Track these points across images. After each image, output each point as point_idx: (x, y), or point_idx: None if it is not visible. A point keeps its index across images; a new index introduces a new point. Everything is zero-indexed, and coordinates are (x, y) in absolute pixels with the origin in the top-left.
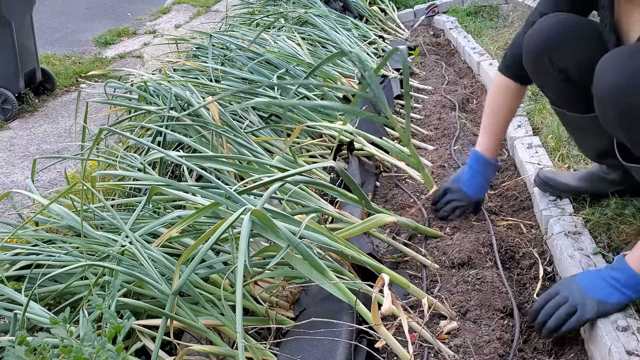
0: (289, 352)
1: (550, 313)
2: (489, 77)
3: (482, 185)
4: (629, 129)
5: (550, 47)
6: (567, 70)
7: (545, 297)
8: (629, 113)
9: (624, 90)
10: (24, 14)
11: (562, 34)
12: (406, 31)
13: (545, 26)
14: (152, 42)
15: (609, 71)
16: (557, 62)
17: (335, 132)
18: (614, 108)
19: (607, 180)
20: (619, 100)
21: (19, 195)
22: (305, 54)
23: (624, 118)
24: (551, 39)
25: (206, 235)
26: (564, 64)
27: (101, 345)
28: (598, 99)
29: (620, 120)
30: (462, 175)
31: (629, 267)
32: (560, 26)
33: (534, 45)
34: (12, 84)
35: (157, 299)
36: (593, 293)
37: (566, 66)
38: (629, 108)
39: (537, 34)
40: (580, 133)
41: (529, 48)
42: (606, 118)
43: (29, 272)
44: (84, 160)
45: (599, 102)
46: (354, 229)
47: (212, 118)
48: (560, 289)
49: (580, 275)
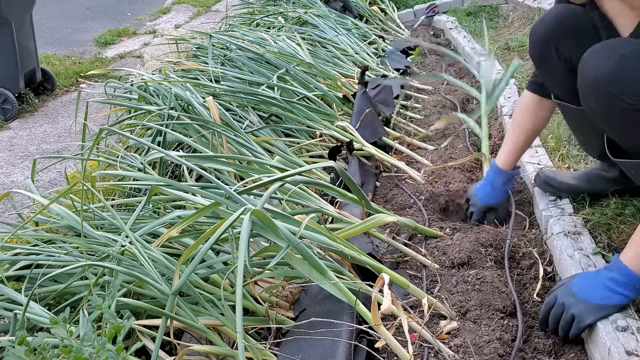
0: (289, 352)
1: (555, 322)
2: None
3: (494, 191)
4: (612, 121)
5: (557, 36)
6: (572, 59)
7: (546, 307)
8: (611, 104)
9: (605, 81)
10: (24, 14)
11: (567, 24)
12: (406, 31)
13: (552, 17)
14: (152, 42)
15: (591, 64)
16: (562, 51)
17: (335, 133)
18: (597, 99)
19: (607, 179)
20: (601, 91)
21: (19, 195)
22: (305, 54)
23: (607, 109)
24: (558, 29)
25: (206, 235)
26: (569, 52)
27: (101, 345)
28: (582, 91)
29: (603, 112)
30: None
31: (624, 266)
32: (566, 16)
33: (540, 34)
34: (12, 84)
35: (157, 299)
36: (588, 297)
37: (571, 55)
38: (611, 99)
39: (544, 24)
40: (582, 128)
41: (536, 37)
42: (591, 110)
43: (29, 272)
44: (84, 160)
45: (583, 94)
46: (354, 229)
47: (212, 118)
48: (558, 295)
49: (576, 280)
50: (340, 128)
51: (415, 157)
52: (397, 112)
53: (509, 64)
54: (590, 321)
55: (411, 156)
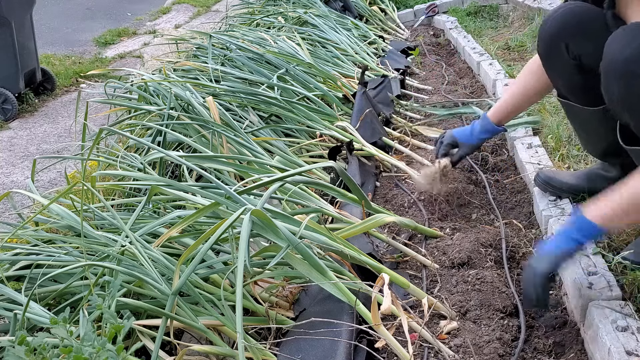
0: (289, 352)
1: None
2: (489, 77)
3: (470, 133)
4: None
5: (568, 33)
6: (581, 56)
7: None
8: (633, 83)
9: (629, 60)
10: (24, 14)
11: (580, 21)
12: (406, 31)
13: (564, 13)
14: (152, 42)
15: (615, 46)
16: (572, 49)
17: (335, 133)
18: (619, 79)
19: (607, 179)
20: (624, 70)
21: (19, 195)
22: (305, 54)
23: (629, 90)
24: (569, 25)
25: (206, 235)
26: (579, 50)
27: (101, 345)
28: (604, 72)
29: (625, 94)
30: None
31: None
32: (578, 13)
33: (551, 30)
34: (12, 84)
35: (157, 299)
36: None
37: (581, 53)
38: (633, 77)
39: (554, 21)
40: (586, 127)
41: (545, 33)
42: (611, 93)
43: (29, 272)
44: (84, 160)
45: (605, 76)
46: (354, 229)
47: (212, 118)
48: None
49: (541, 243)
50: (340, 128)
51: (415, 157)
52: (397, 112)
53: (509, 64)
54: (543, 269)
55: (411, 156)
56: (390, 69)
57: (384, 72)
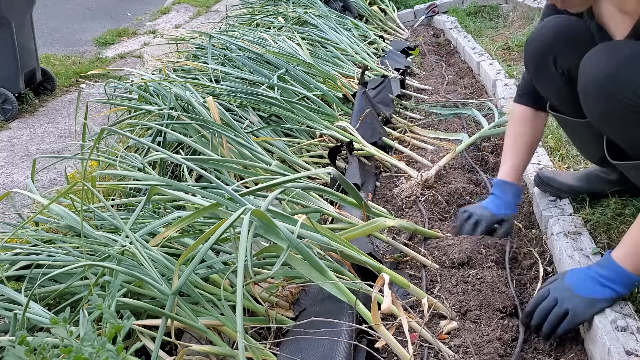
0: (289, 352)
1: (542, 315)
2: (488, 77)
3: (505, 204)
4: (612, 121)
5: (555, 48)
6: (571, 71)
7: (537, 299)
8: (611, 104)
9: (606, 81)
10: (24, 14)
11: (566, 36)
12: (406, 31)
13: (550, 28)
14: (152, 42)
15: (592, 65)
16: (561, 63)
17: (335, 133)
18: (597, 100)
19: (606, 180)
20: (600, 91)
21: (19, 195)
22: (305, 54)
23: (607, 109)
24: (557, 41)
25: (206, 235)
26: (567, 64)
27: (101, 345)
28: (582, 93)
29: (603, 112)
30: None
31: (615, 263)
32: (564, 27)
33: (538, 46)
34: (12, 84)
35: (157, 299)
36: (582, 292)
37: (570, 67)
38: (611, 98)
39: (541, 36)
40: (580, 138)
41: (533, 49)
42: (591, 111)
43: (29, 272)
44: (84, 160)
45: (584, 97)
46: (354, 231)
47: (212, 118)
48: (551, 289)
49: (569, 274)
50: (340, 128)
51: (415, 157)
52: (397, 112)
53: (509, 64)
54: (583, 315)
55: (411, 156)
56: (390, 69)
57: (384, 72)
